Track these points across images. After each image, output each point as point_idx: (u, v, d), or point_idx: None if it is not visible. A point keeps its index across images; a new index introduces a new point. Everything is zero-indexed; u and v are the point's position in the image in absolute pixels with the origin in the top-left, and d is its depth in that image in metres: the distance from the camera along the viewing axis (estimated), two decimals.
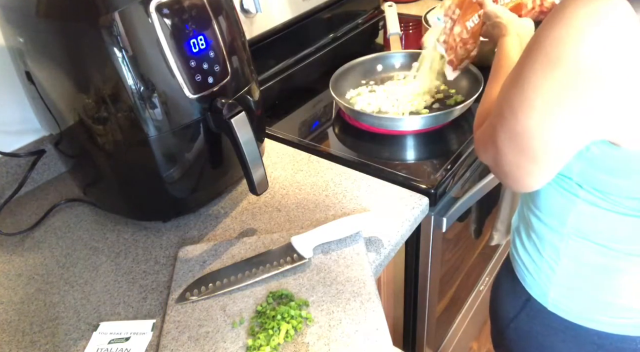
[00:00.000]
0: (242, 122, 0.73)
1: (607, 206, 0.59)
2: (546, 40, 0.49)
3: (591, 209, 0.61)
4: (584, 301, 0.68)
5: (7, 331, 0.71)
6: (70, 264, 0.82)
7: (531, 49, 0.51)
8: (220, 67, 0.74)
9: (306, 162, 0.99)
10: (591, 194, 0.60)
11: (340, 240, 0.77)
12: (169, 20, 0.67)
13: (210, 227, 0.86)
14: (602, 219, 0.61)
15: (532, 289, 0.73)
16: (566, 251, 0.66)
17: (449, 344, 1.40)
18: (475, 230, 1.27)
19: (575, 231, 0.64)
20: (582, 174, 0.59)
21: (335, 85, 1.12)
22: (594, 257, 0.64)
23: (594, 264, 0.65)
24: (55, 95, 0.75)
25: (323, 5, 1.34)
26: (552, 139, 0.52)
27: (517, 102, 0.53)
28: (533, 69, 0.51)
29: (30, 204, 0.96)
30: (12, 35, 0.74)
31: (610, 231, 0.62)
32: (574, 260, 0.66)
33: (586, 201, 0.61)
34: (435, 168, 0.95)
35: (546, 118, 0.51)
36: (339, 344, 0.62)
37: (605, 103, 0.49)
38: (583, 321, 0.68)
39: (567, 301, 0.69)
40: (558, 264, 0.68)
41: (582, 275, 0.67)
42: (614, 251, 0.62)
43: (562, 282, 0.69)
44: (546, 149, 0.53)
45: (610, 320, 0.67)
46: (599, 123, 0.51)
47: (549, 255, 0.69)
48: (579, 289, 0.67)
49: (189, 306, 0.69)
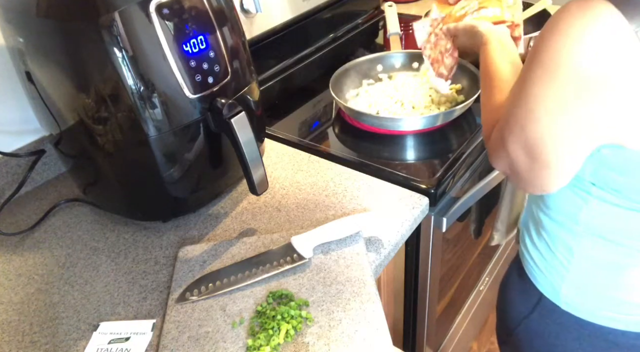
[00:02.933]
0: (242, 122, 0.73)
1: (620, 202, 0.60)
2: (543, 52, 0.51)
3: (604, 206, 0.61)
4: (597, 299, 0.68)
5: (7, 331, 0.71)
6: (70, 264, 0.82)
7: (530, 62, 0.53)
8: (220, 67, 0.74)
9: (306, 162, 0.99)
10: (604, 191, 0.60)
11: (340, 240, 0.77)
12: (169, 21, 0.67)
13: (210, 227, 0.86)
14: (614, 216, 0.61)
15: (544, 288, 0.73)
16: (578, 248, 0.66)
17: (449, 344, 1.40)
18: (475, 230, 1.27)
19: (588, 229, 0.64)
20: (595, 174, 0.59)
21: (335, 85, 1.12)
22: (606, 254, 0.64)
23: (606, 261, 0.65)
24: (55, 95, 0.75)
25: (323, 5, 1.34)
26: (560, 147, 0.54)
27: (522, 115, 0.55)
28: (533, 81, 0.53)
29: (30, 204, 0.96)
30: (12, 35, 0.74)
31: (623, 228, 0.62)
32: (586, 257, 0.66)
33: (599, 198, 0.61)
34: (435, 168, 0.95)
35: (552, 127, 0.53)
36: (339, 344, 0.62)
37: (607, 108, 0.50)
38: (596, 318, 0.68)
39: (580, 299, 0.69)
40: (570, 262, 0.68)
41: (594, 272, 0.66)
42: (626, 248, 0.63)
43: (575, 280, 0.68)
44: (557, 155, 0.55)
45: (624, 317, 0.66)
46: (604, 128, 0.52)
47: (561, 253, 0.69)
48: (592, 286, 0.67)
49: (189, 306, 0.70)
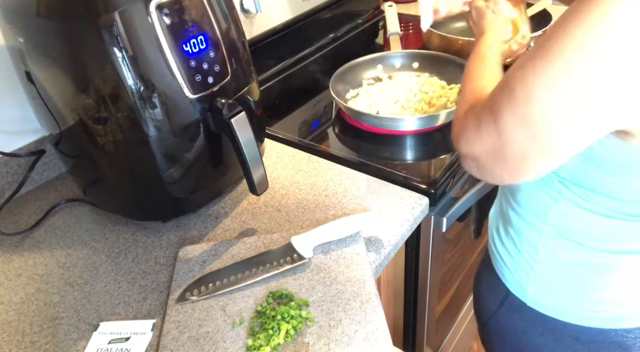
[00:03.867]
0: (242, 122, 0.73)
1: (588, 206, 0.60)
2: (573, 25, 0.46)
3: (573, 208, 0.62)
4: (561, 296, 0.69)
5: (7, 331, 0.71)
6: (70, 264, 0.82)
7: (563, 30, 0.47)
8: (220, 67, 0.74)
9: (306, 162, 0.99)
10: (574, 194, 0.60)
11: (340, 240, 0.77)
12: (169, 20, 0.67)
13: (210, 227, 0.86)
14: (582, 219, 0.62)
15: (511, 285, 0.74)
16: (544, 248, 0.67)
17: (449, 344, 1.40)
18: (475, 230, 1.27)
19: (555, 229, 0.65)
20: (572, 171, 0.58)
21: (335, 85, 1.12)
22: (571, 254, 0.65)
23: (571, 261, 0.66)
24: (55, 95, 0.75)
25: (323, 5, 1.35)
26: (575, 128, 0.48)
27: (538, 86, 0.48)
28: (562, 51, 0.46)
29: (30, 204, 0.96)
30: (12, 35, 0.74)
31: (589, 231, 0.62)
32: (551, 257, 0.67)
33: (569, 200, 0.62)
34: (436, 168, 0.95)
35: (573, 103, 0.47)
36: (339, 344, 0.62)
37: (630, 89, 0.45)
38: (561, 315, 0.69)
39: (545, 296, 0.70)
40: (536, 261, 0.69)
41: (559, 271, 0.67)
42: (590, 249, 0.63)
43: (540, 278, 0.69)
44: (565, 137, 0.49)
45: (587, 314, 0.67)
46: (621, 112, 0.47)
47: (527, 251, 0.70)
48: (556, 284, 0.68)
49: (189, 306, 0.69)
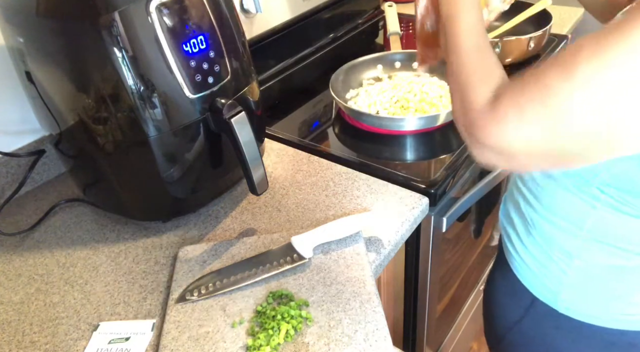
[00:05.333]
0: (242, 122, 0.73)
1: (628, 210, 0.59)
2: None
3: (612, 214, 0.60)
4: (597, 301, 0.67)
5: (7, 331, 0.71)
6: (70, 264, 0.82)
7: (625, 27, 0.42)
8: (220, 67, 0.74)
9: (306, 162, 0.99)
10: (612, 198, 0.59)
11: (340, 240, 0.77)
12: (169, 20, 0.67)
13: (210, 227, 0.86)
14: (621, 224, 0.60)
15: (539, 291, 0.71)
16: (580, 253, 0.65)
17: (449, 344, 1.40)
18: (475, 230, 1.27)
19: (591, 235, 0.63)
20: (617, 175, 0.57)
21: (335, 85, 1.12)
22: (609, 258, 0.63)
23: (608, 265, 0.64)
24: (55, 95, 0.75)
25: (323, 6, 1.34)
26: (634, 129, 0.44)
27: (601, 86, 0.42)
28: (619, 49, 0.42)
29: (30, 204, 0.96)
30: (12, 35, 0.74)
31: (627, 235, 0.61)
32: (587, 262, 0.65)
33: (607, 206, 0.60)
34: (435, 168, 0.95)
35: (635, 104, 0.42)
36: (339, 344, 0.62)
37: None
38: (596, 320, 0.67)
39: (579, 301, 0.68)
40: (570, 266, 0.66)
41: (595, 276, 0.65)
42: (628, 252, 0.62)
43: (575, 284, 0.67)
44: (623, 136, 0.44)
45: (624, 317, 0.66)
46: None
47: (558, 257, 0.67)
48: (592, 289, 0.66)
49: (189, 306, 0.69)
